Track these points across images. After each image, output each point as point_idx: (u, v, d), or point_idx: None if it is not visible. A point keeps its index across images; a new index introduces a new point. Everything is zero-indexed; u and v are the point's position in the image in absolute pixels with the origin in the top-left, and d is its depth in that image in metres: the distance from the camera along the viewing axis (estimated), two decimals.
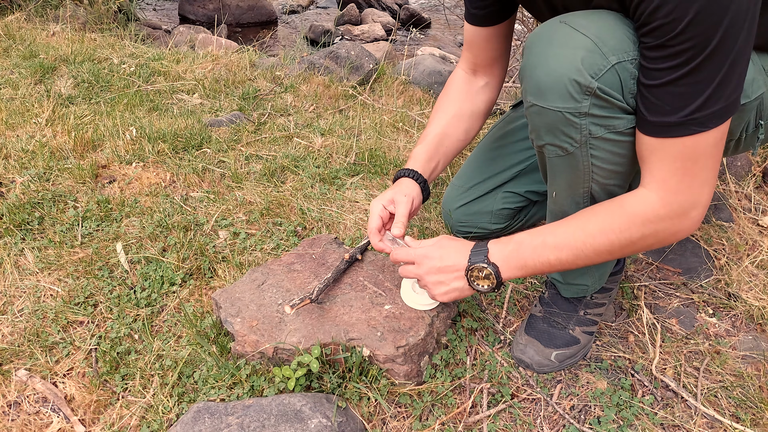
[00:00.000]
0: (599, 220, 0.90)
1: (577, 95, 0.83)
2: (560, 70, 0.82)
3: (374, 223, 1.13)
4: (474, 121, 1.26)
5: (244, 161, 1.81)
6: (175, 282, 1.30)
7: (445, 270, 1.01)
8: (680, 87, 0.76)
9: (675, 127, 0.79)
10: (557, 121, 0.87)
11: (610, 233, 0.89)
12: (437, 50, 3.99)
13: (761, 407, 1.07)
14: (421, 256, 1.03)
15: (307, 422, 0.93)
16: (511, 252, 0.96)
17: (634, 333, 1.24)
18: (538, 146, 0.96)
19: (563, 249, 0.92)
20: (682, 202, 0.84)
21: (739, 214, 1.61)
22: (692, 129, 0.78)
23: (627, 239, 0.88)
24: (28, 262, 1.35)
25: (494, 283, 0.97)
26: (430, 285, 1.03)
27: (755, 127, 1.00)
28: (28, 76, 2.36)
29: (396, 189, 1.16)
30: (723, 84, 0.75)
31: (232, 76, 2.51)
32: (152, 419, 1.01)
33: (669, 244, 0.89)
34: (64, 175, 1.66)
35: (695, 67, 0.74)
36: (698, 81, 0.75)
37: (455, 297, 1.03)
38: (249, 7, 5.10)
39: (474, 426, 1.03)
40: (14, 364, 1.11)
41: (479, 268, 0.97)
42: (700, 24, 0.71)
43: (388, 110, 2.26)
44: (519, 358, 1.15)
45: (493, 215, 1.38)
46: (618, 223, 0.88)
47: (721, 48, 0.73)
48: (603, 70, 0.81)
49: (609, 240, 0.89)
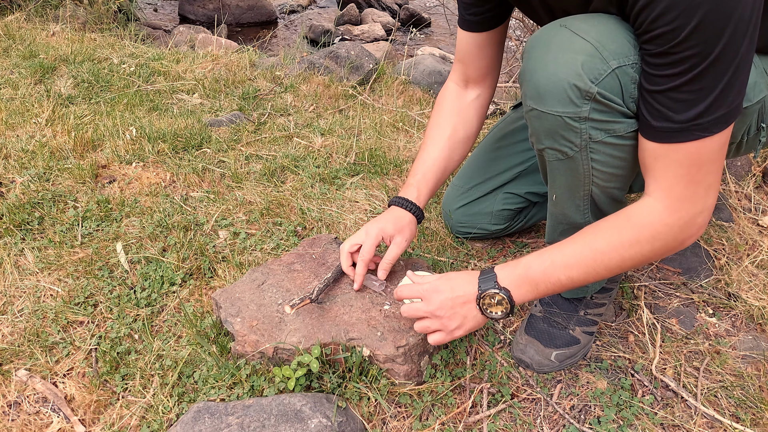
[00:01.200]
0: (607, 235, 0.89)
1: (577, 100, 0.83)
2: (560, 74, 0.82)
3: (367, 252, 1.13)
4: (468, 138, 1.25)
5: (244, 161, 1.81)
6: (175, 282, 1.30)
7: (457, 301, 0.96)
8: (684, 93, 0.76)
9: (679, 133, 0.79)
10: (557, 126, 0.87)
11: (620, 248, 0.88)
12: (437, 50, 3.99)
13: (761, 407, 1.07)
14: (429, 291, 0.98)
15: (307, 422, 0.93)
16: (520, 275, 0.94)
17: (634, 333, 1.24)
18: (539, 150, 0.95)
19: (573, 267, 0.90)
20: (689, 208, 0.83)
21: (739, 214, 1.61)
22: (696, 134, 0.78)
23: (638, 252, 0.87)
24: (28, 262, 1.35)
25: (508, 308, 0.94)
26: (445, 320, 0.97)
27: (757, 130, 0.99)
28: (28, 76, 2.36)
29: (397, 224, 1.15)
30: (726, 90, 0.75)
31: (232, 76, 2.51)
32: (152, 419, 1.01)
33: (677, 252, 0.89)
34: (64, 175, 1.66)
35: (699, 73, 0.74)
36: (702, 87, 0.75)
37: (471, 328, 0.98)
38: (249, 7, 5.10)
39: (474, 426, 1.03)
40: (14, 364, 1.11)
41: (491, 295, 0.94)
42: (703, 31, 0.71)
43: (388, 110, 2.26)
44: (519, 358, 1.15)
45: (493, 216, 1.38)
46: (627, 237, 0.87)
47: (725, 55, 0.72)
48: (603, 75, 0.81)
49: (620, 255, 0.88)
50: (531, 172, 1.35)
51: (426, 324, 0.98)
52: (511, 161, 1.35)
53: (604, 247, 0.88)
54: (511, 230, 1.43)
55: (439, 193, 1.65)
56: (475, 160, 1.42)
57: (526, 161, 1.34)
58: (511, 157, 1.35)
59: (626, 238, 0.87)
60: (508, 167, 1.35)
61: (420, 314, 0.98)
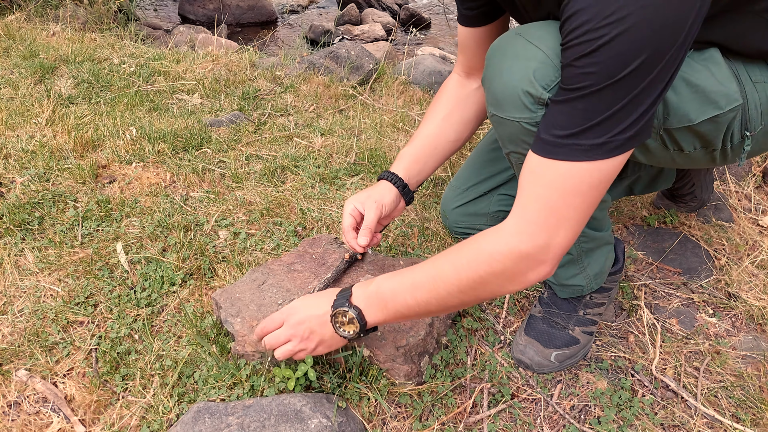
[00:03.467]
0: (452, 255, 0.86)
1: (531, 106, 0.84)
2: (513, 82, 0.84)
3: (347, 222, 1.14)
4: (465, 125, 1.25)
5: (244, 161, 1.81)
6: (175, 282, 1.30)
7: (313, 321, 0.94)
8: (575, 108, 0.74)
9: (558, 148, 0.75)
10: (516, 131, 0.89)
11: (459, 268, 0.83)
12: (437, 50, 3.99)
13: (761, 407, 1.07)
14: (286, 313, 0.97)
15: (307, 422, 0.93)
16: (371, 293, 0.91)
17: (634, 333, 1.24)
18: (506, 153, 0.98)
19: (419, 288, 0.87)
20: (534, 236, 0.78)
21: (739, 214, 1.61)
22: (575, 154, 0.74)
23: (474, 274, 0.82)
24: (28, 262, 1.35)
25: (358, 328, 0.91)
26: (304, 341, 0.95)
27: (741, 138, 0.98)
28: (28, 76, 2.36)
29: (370, 192, 1.16)
30: (618, 116, 0.72)
31: (232, 76, 2.51)
32: (152, 419, 1.01)
33: (515, 291, 0.85)
34: (64, 175, 1.66)
35: (594, 92, 0.72)
36: (593, 108, 0.72)
37: (332, 346, 0.97)
38: (249, 7, 5.10)
39: (474, 426, 1.03)
40: (14, 364, 1.11)
41: (342, 312, 0.91)
42: (609, 52, 0.69)
43: (388, 110, 2.26)
44: (519, 358, 1.15)
45: (489, 217, 1.38)
46: (467, 257, 0.83)
47: (628, 81, 0.70)
48: (555, 81, 0.81)
49: (458, 276, 0.83)
50: None
51: (288, 348, 0.96)
52: (506, 163, 1.36)
53: (445, 267, 0.85)
54: None
55: (440, 193, 1.65)
56: (471, 161, 1.42)
57: None
58: (506, 160, 1.36)
59: (466, 258, 0.83)
60: (502, 169, 1.36)
61: (281, 340, 0.96)
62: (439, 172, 1.74)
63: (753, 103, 0.93)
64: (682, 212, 1.59)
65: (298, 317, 0.96)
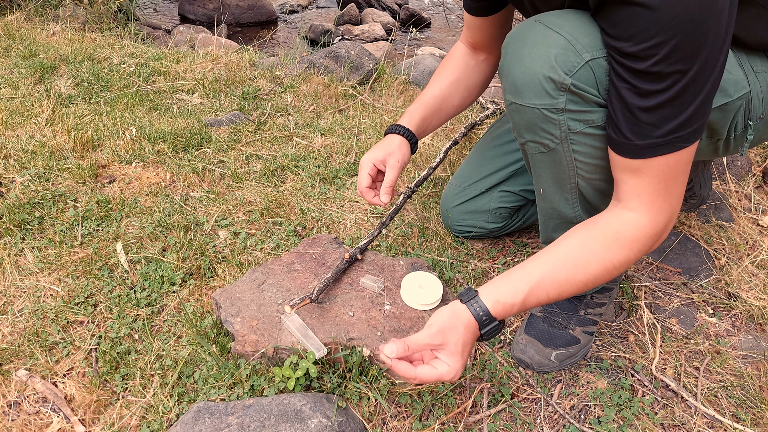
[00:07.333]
0: (600, 258, 0.87)
1: (553, 92, 0.84)
2: (534, 68, 0.84)
3: (364, 181, 1.16)
4: (470, 91, 1.29)
5: (244, 161, 1.81)
6: (175, 282, 1.30)
7: (467, 345, 0.87)
8: (667, 108, 0.77)
9: (662, 147, 0.80)
10: (536, 118, 0.88)
11: (611, 268, 0.88)
12: (437, 50, 3.99)
13: (761, 407, 1.07)
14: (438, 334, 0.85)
15: (307, 422, 0.93)
16: (510, 305, 0.86)
17: (634, 333, 1.24)
18: (521, 144, 0.97)
19: (557, 286, 0.87)
20: (666, 219, 0.86)
21: (739, 214, 1.61)
22: (678, 146, 0.79)
23: (626, 266, 0.89)
24: (28, 262, 1.35)
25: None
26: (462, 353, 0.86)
27: (744, 127, 1.00)
28: (28, 76, 2.36)
29: (387, 148, 1.18)
30: (705, 101, 0.77)
31: (232, 75, 2.51)
32: (152, 419, 1.01)
33: None
34: (64, 174, 1.66)
35: (682, 88, 0.75)
36: (684, 101, 0.76)
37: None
38: (249, 6, 5.10)
39: (474, 426, 1.03)
40: (14, 364, 1.11)
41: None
42: (683, 48, 0.72)
43: (388, 110, 2.26)
44: (519, 358, 1.14)
45: (490, 214, 1.38)
46: (618, 257, 0.87)
47: (704, 68, 0.74)
48: (577, 67, 0.82)
49: (610, 274, 0.89)
50: (525, 170, 1.35)
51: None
52: (506, 159, 1.36)
53: (588, 261, 0.87)
54: (509, 229, 1.43)
55: (440, 192, 1.65)
56: (472, 158, 1.43)
57: (520, 159, 1.35)
58: (506, 156, 1.36)
59: (617, 258, 0.87)
60: (503, 165, 1.36)
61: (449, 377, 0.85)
62: (438, 172, 1.74)
63: (755, 92, 0.95)
64: (682, 211, 1.59)
65: (457, 333, 0.85)
